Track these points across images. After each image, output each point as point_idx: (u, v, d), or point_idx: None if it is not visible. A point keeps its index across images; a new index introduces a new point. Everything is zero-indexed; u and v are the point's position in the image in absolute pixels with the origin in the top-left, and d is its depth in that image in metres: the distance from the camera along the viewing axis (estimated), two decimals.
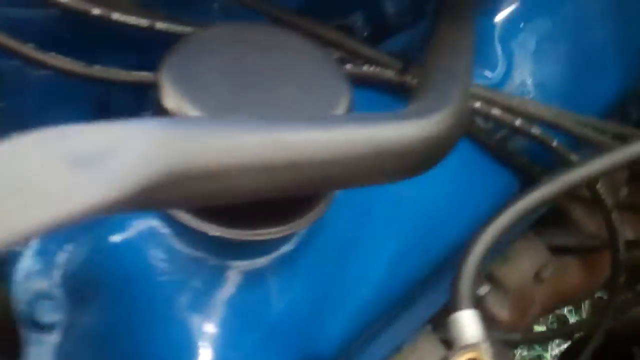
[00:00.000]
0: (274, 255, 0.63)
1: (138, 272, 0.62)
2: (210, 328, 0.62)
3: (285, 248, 0.63)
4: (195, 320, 0.62)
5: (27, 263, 0.65)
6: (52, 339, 0.65)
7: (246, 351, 0.63)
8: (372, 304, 0.70)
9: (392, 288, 0.72)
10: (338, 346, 0.69)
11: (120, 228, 0.62)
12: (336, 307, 0.68)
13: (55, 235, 0.65)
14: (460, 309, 0.63)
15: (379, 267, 0.71)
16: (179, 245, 0.62)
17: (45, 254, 0.65)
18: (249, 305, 0.63)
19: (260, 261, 0.63)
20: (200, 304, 0.62)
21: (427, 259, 0.74)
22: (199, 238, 0.59)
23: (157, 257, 0.62)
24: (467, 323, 0.63)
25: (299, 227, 0.59)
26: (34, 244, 0.65)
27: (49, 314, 0.64)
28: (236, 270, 0.63)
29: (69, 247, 0.65)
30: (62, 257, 0.65)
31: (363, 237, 0.69)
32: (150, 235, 0.62)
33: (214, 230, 0.57)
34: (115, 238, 0.63)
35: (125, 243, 0.63)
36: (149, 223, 0.61)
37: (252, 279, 0.63)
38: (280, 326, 0.65)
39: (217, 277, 0.63)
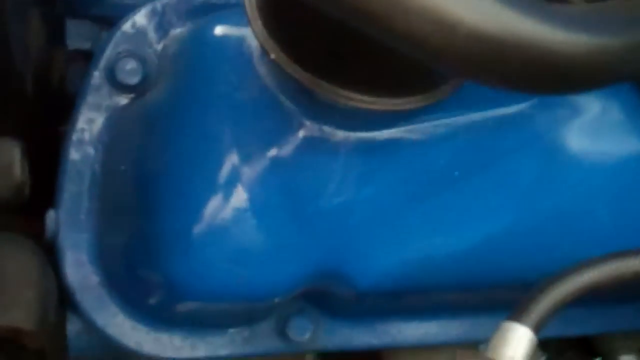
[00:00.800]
0: (361, 135, 0.53)
1: (215, 76, 0.54)
2: (259, 177, 0.54)
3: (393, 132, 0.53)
4: (248, 156, 0.53)
5: (141, 17, 0.60)
6: (119, 100, 0.60)
7: (278, 220, 0.54)
8: (453, 263, 0.57)
9: (485, 263, 0.58)
10: (375, 284, 0.57)
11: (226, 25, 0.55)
12: (407, 233, 0.56)
13: (176, 10, 0.60)
14: (520, 322, 0.49)
15: (490, 225, 0.57)
16: (273, 81, 0.53)
17: (162, 20, 0.60)
18: (310, 174, 0.54)
19: (342, 135, 0.53)
20: (263, 143, 0.54)
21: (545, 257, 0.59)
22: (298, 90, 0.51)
23: (242, 74, 0.54)
24: (518, 341, 0.49)
25: (419, 102, 0.48)
26: (157, 8, 0.60)
27: (131, 74, 0.59)
28: (312, 131, 0.53)
29: (183, 24, 0.59)
30: (174, 31, 0.60)
31: (497, 174, 0.56)
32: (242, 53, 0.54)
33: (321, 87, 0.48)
34: (220, 33, 0.56)
35: (224, 42, 0.55)
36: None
37: (332, 149, 0.53)
38: (329, 222, 0.54)
39: (291, 127, 0.54)
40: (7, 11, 0.41)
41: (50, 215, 0.58)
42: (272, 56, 0.49)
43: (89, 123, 0.59)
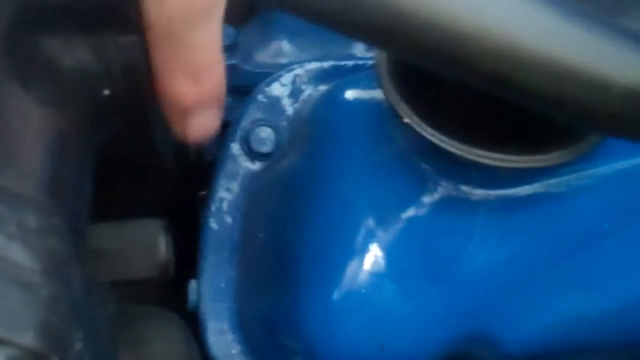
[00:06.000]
0: (500, 192, 0.51)
1: (348, 140, 0.54)
2: (393, 244, 0.53)
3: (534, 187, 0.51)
4: (384, 219, 0.53)
5: (274, 86, 0.61)
6: (255, 168, 0.61)
7: (417, 286, 0.53)
8: (606, 321, 0.55)
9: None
10: (521, 347, 0.54)
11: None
12: (555, 292, 0.53)
13: (307, 75, 0.60)
14: None
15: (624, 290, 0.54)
16: (407, 143, 0.53)
17: (294, 87, 0.61)
18: (449, 236, 0.52)
19: (480, 193, 0.51)
20: (399, 205, 0.53)
21: None
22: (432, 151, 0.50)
23: (375, 137, 0.54)
24: None
25: (563, 157, 0.47)
26: (290, 77, 0.61)
27: (265, 142, 0.60)
28: (449, 191, 0.52)
29: (314, 89, 0.60)
30: (305, 96, 0.60)
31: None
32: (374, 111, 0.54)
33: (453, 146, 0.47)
34: (351, 96, 0.56)
35: (355, 105, 0.55)
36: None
37: (470, 209, 0.52)
38: (472, 284, 0.53)
39: (427, 188, 0.52)
40: (150, 96, 0.43)
41: (192, 285, 0.59)
42: (405, 120, 0.48)
43: (226, 192, 0.61)
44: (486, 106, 0.49)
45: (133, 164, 0.49)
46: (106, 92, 0.43)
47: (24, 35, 0.39)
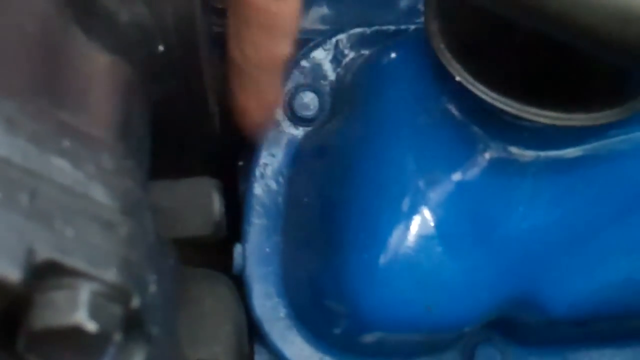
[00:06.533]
0: (550, 153, 0.51)
1: (396, 102, 0.54)
2: (441, 205, 0.53)
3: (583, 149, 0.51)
4: (432, 181, 0.53)
5: (316, 51, 0.61)
6: (298, 133, 0.61)
7: (465, 245, 0.53)
8: None
9: None
10: (569, 311, 0.54)
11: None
12: (603, 255, 0.53)
13: (349, 41, 0.60)
14: None
15: None
16: (456, 104, 0.52)
17: (336, 52, 0.61)
18: (498, 198, 0.52)
19: (530, 155, 0.51)
20: (448, 167, 0.53)
21: None
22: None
23: (423, 99, 0.54)
24: None
25: (616, 115, 0.46)
26: (332, 43, 0.61)
27: (308, 107, 0.60)
28: (499, 153, 0.52)
29: (356, 54, 0.60)
30: (347, 61, 0.60)
31: None
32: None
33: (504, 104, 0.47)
34: (397, 59, 0.56)
35: (401, 68, 0.55)
36: None
37: (519, 170, 0.52)
38: (520, 246, 0.53)
39: (476, 150, 0.52)
40: (202, 55, 0.43)
41: (238, 249, 0.59)
42: (457, 78, 0.48)
43: (270, 158, 0.61)
44: (541, 65, 0.49)
45: (183, 125, 0.49)
46: (160, 47, 0.43)
47: None
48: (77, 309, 0.27)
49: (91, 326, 0.27)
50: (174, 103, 0.46)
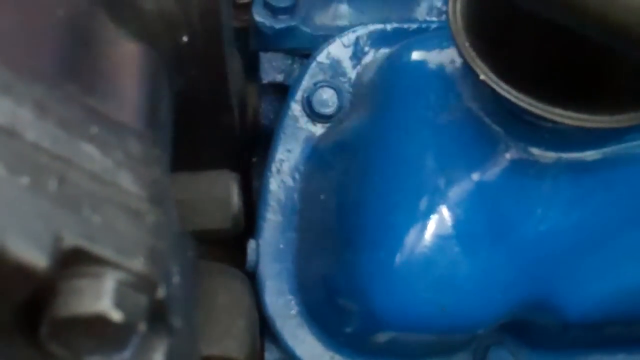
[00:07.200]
0: (570, 156, 0.50)
1: (416, 100, 0.54)
2: (458, 203, 0.52)
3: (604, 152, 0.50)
4: (451, 181, 0.52)
5: (335, 48, 0.61)
6: (316, 130, 0.60)
7: (483, 247, 0.52)
8: None
9: None
10: (584, 314, 0.54)
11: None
12: (621, 259, 0.53)
13: (369, 38, 0.60)
14: None
15: None
16: (477, 103, 0.52)
17: (356, 49, 0.60)
18: (516, 199, 0.52)
19: (551, 156, 0.51)
20: (468, 167, 0.52)
21: None
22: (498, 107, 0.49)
23: (443, 98, 0.53)
24: None
25: (633, 120, 0.46)
26: (352, 39, 0.61)
27: (327, 104, 0.60)
28: (519, 153, 0.51)
29: (377, 52, 0.59)
30: (368, 59, 0.60)
31: None
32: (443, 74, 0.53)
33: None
34: (417, 57, 0.55)
35: (422, 66, 0.55)
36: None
37: (539, 172, 0.51)
38: (537, 248, 0.52)
39: (497, 150, 0.52)
40: (225, 48, 0.42)
41: (251, 245, 0.59)
42: (481, 76, 0.47)
43: (287, 153, 0.60)
44: (563, 65, 0.48)
45: (202, 117, 0.49)
46: (185, 38, 0.42)
47: None
48: (102, 298, 0.26)
49: (116, 315, 0.26)
50: (195, 94, 0.46)
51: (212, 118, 0.48)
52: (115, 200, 0.28)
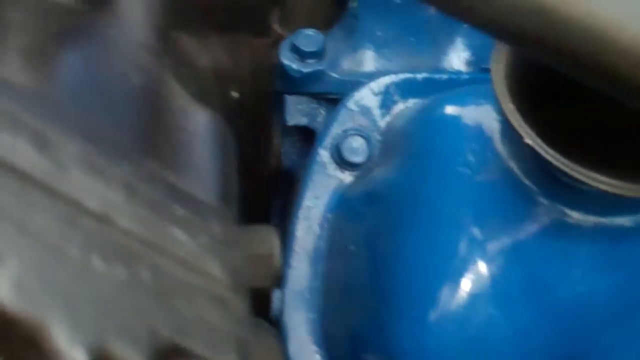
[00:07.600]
0: (609, 220, 0.50)
1: (452, 156, 0.53)
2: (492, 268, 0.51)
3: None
4: (487, 240, 0.52)
5: (364, 95, 0.60)
6: (344, 178, 0.60)
7: (517, 312, 0.52)
8: None
9: None
10: None
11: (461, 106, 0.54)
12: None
13: (399, 87, 0.59)
14: None
15: None
16: (517, 164, 0.51)
17: (386, 98, 0.60)
18: (553, 261, 0.51)
19: (589, 220, 0.50)
20: (505, 227, 0.52)
21: None
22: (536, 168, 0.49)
23: (480, 155, 0.53)
24: None
25: None
26: (381, 87, 0.60)
27: (357, 152, 0.59)
28: (558, 216, 0.51)
29: (406, 102, 0.58)
30: (398, 108, 0.59)
31: None
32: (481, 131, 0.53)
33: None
34: (453, 112, 0.55)
35: (458, 121, 0.54)
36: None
37: (577, 235, 0.51)
38: (572, 311, 0.52)
39: (535, 211, 0.51)
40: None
41: (276, 293, 0.58)
42: (527, 140, 0.47)
43: (315, 200, 0.59)
44: (608, 131, 0.48)
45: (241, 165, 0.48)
46: (235, 94, 0.42)
47: (169, 33, 0.38)
48: None
49: None
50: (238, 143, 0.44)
51: (249, 168, 0.47)
52: (204, 289, 0.27)
